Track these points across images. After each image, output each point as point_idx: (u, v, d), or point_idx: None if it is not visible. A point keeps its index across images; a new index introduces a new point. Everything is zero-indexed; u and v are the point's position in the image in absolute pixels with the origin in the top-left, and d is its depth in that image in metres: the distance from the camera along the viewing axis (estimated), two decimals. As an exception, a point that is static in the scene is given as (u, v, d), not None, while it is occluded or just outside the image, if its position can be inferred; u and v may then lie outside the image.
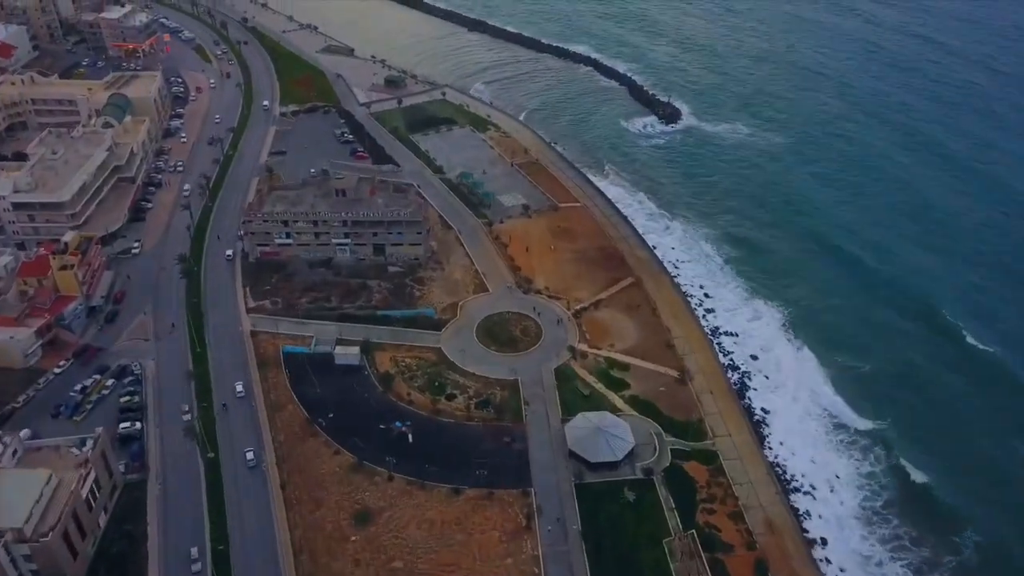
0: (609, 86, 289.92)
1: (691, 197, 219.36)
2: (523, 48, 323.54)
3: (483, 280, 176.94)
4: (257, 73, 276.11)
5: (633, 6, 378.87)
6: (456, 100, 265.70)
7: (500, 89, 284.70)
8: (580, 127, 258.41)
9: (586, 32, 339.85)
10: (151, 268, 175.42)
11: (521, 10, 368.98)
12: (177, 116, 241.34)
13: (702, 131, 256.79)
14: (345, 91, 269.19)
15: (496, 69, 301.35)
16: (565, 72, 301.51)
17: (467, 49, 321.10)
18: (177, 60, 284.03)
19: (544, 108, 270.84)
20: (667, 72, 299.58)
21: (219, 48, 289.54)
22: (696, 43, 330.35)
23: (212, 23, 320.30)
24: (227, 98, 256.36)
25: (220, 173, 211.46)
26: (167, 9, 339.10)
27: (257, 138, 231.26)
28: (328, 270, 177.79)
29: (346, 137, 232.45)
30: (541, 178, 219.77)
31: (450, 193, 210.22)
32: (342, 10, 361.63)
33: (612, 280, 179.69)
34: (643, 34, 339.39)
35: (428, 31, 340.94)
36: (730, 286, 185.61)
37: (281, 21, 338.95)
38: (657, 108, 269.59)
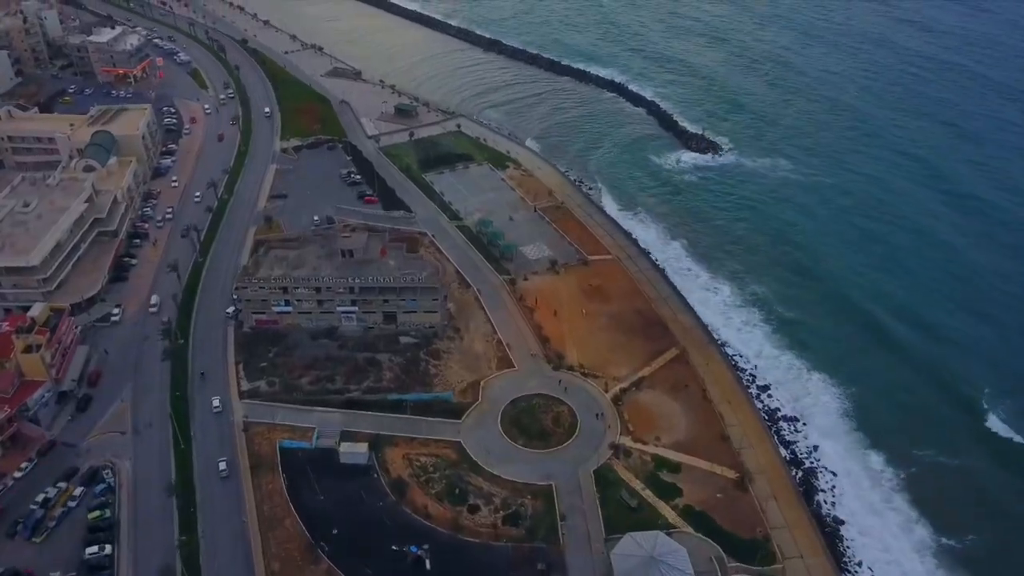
0: (636, 114, 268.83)
1: (733, 245, 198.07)
2: (541, 71, 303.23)
3: (507, 352, 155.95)
4: (257, 103, 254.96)
5: (655, 30, 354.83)
6: (472, 132, 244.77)
7: (519, 118, 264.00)
8: (607, 162, 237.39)
9: (609, 53, 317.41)
10: (132, 340, 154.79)
11: (538, 28, 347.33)
12: (168, 153, 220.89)
13: (740, 167, 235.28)
14: (352, 121, 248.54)
15: (513, 94, 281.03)
16: (588, 98, 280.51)
17: (482, 71, 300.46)
18: (171, 86, 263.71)
19: (567, 139, 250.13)
20: (697, 100, 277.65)
21: (224, 90, 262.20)
22: (727, 70, 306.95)
23: (210, 45, 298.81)
24: (223, 131, 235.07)
25: (214, 221, 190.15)
26: (163, 28, 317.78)
27: (255, 179, 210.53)
28: (332, 341, 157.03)
29: (353, 177, 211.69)
30: (568, 225, 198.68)
31: (468, 244, 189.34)
32: (349, 29, 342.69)
33: (654, 352, 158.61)
34: (671, 59, 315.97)
35: (440, 51, 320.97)
36: (784, 358, 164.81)
37: (284, 41, 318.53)
38: (689, 140, 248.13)
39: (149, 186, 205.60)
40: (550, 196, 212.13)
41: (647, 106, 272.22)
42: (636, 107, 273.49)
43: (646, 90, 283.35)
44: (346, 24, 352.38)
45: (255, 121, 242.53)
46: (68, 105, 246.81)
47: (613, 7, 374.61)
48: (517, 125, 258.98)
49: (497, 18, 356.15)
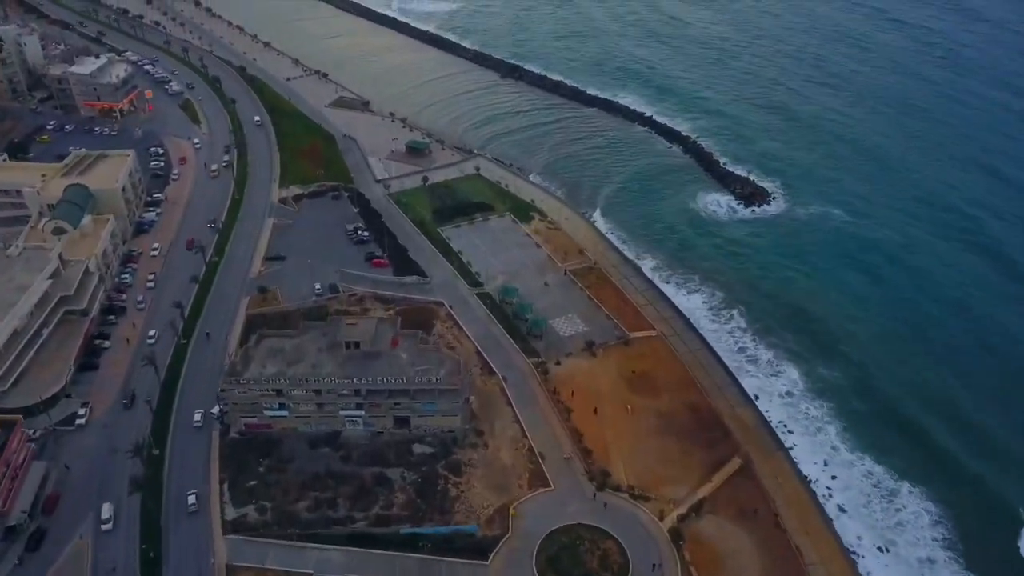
0: (671, 153, 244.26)
1: (794, 316, 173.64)
2: (565, 100, 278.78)
3: (540, 464, 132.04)
4: (255, 142, 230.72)
5: (685, 56, 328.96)
6: (491, 174, 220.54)
7: (541, 156, 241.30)
8: (642, 210, 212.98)
9: (638, 81, 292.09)
10: (99, 450, 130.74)
11: (559, 51, 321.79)
12: (153, 204, 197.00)
13: (792, 217, 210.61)
14: (359, 162, 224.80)
15: (535, 128, 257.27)
16: (616, 132, 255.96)
17: (500, 100, 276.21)
18: (160, 121, 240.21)
19: (595, 182, 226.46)
20: (738, 136, 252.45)
21: (225, 156, 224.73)
22: (767, 104, 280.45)
23: (205, 73, 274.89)
24: (216, 174, 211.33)
25: (200, 294, 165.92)
26: (156, 52, 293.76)
27: (250, 236, 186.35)
28: (335, 451, 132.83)
29: (360, 235, 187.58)
30: (603, 291, 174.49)
31: (491, 317, 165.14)
32: (357, 52, 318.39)
33: (713, 463, 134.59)
34: (707, 88, 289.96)
35: (454, 76, 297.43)
36: (863, 464, 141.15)
37: (286, 65, 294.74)
38: (733, 184, 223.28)
39: (129, 246, 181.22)
40: (581, 255, 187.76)
41: (682, 143, 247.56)
42: (671, 144, 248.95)
43: (681, 124, 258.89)
44: (350, 43, 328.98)
45: (252, 163, 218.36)
46: (46, 144, 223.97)
47: (636, 33, 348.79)
48: (540, 165, 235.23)
49: (516, 41, 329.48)
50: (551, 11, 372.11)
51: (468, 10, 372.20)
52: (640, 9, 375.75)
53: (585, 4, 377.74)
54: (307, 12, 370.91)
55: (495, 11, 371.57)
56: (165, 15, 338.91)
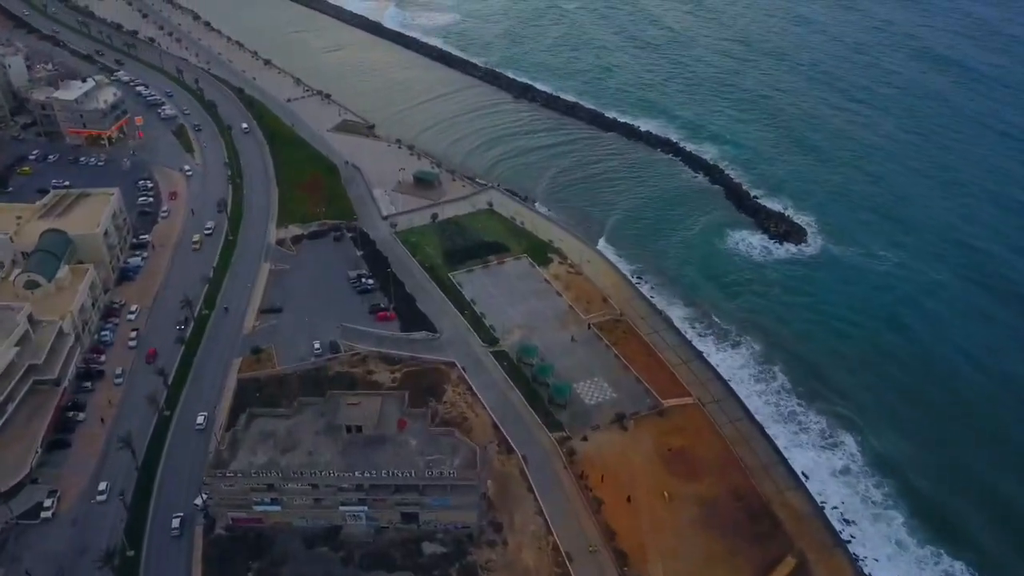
0: (697, 183, 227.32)
1: (845, 377, 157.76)
2: (581, 123, 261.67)
3: (567, 566, 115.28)
4: (251, 174, 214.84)
5: (720, 68, 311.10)
6: (505, 209, 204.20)
7: (557, 186, 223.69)
8: (668, 249, 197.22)
9: (660, 104, 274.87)
10: (67, 552, 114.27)
11: (576, 71, 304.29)
12: (140, 247, 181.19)
13: (833, 259, 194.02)
14: (364, 195, 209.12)
15: (551, 155, 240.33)
16: (638, 160, 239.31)
17: (512, 124, 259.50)
18: (151, 150, 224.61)
19: (617, 217, 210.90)
20: (768, 165, 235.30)
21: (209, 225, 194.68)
22: (802, 129, 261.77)
23: (199, 94, 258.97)
24: (208, 212, 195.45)
25: (185, 356, 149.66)
26: (149, 73, 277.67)
27: (244, 284, 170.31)
28: (334, 551, 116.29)
29: (364, 283, 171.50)
30: (632, 348, 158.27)
31: (508, 381, 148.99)
32: (359, 68, 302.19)
33: (764, 564, 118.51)
34: (735, 108, 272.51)
35: (463, 97, 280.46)
36: (937, 562, 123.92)
37: (287, 85, 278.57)
38: (767, 221, 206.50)
39: (111, 296, 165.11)
40: (605, 304, 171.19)
41: (709, 172, 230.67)
42: (696, 173, 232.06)
43: (706, 150, 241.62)
44: (352, 58, 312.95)
45: (247, 199, 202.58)
46: (26, 176, 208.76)
47: (649, 52, 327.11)
48: (556, 197, 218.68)
49: (534, 62, 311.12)
50: (554, 26, 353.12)
51: (469, 23, 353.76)
52: (647, 26, 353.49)
53: (589, 23, 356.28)
54: (306, 24, 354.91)
55: (496, 23, 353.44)
56: (161, 29, 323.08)
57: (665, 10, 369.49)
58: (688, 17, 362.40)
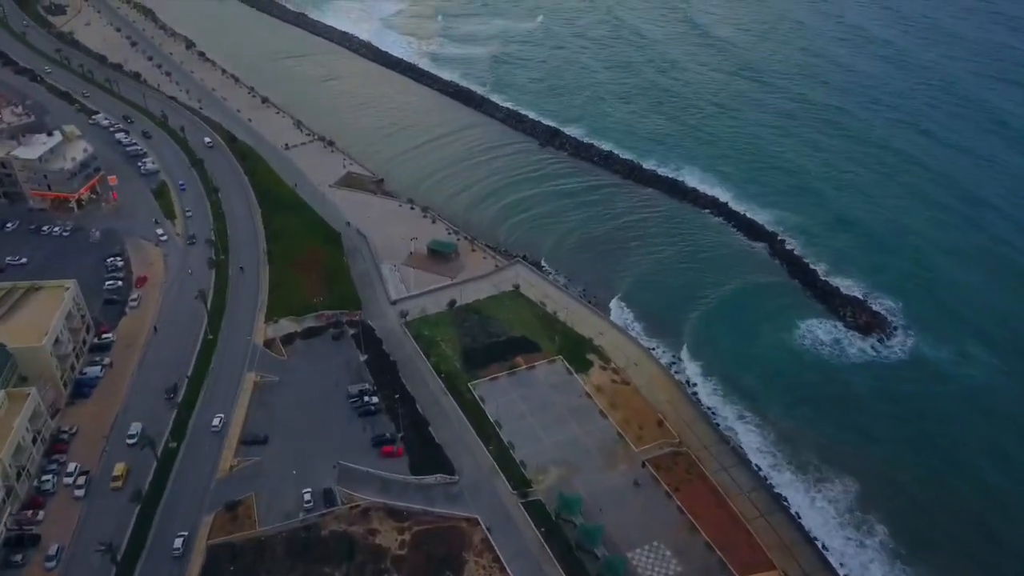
0: (755, 255, 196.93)
1: (969, 538, 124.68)
2: (618, 177, 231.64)
3: None
4: (239, 247, 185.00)
5: (776, 113, 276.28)
6: (534, 291, 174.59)
7: (593, 260, 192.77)
8: (727, 345, 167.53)
9: (707, 155, 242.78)
10: None
11: (611, 114, 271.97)
12: (101, 349, 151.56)
13: (922, 360, 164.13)
14: (369, 271, 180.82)
15: (583, 218, 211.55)
16: (683, 223, 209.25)
17: (540, 178, 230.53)
18: (127, 215, 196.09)
19: (664, 299, 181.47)
20: (837, 232, 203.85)
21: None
22: (884, 185, 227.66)
23: (184, 140, 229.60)
24: (185, 301, 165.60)
25: (142, 518, 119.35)
26: (133, 112, 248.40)
27: (223, 403, 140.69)
28: None
29: (368, 401, 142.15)
30: (697, 496, 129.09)
31: (544, 547, 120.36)
32: (367, 102, 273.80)
33: None
34: (793, 164, 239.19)
35: (485, 143, 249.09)
36: None
37: (286, 128, 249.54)
38: (840, 306, 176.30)
39: (61, 420, 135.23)
40: (661, 429, 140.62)
41: (767, 241, 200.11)
42: (753, 241, 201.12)
43: (761, 213, 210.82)
44: (356, 92, 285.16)
45: (232, 283, 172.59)
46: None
47: (703, 95, 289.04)
48: (592, 273, 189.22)
49: (561, 102, 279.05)
50: (594, 60, 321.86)
51: (486, 54, 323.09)
52: (690, 72, 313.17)
53: (635, 57, 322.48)
54: (305, 48, 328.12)
55: (519, 56, 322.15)
56: (150, 60, 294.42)
57: (713, 52, 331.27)
58: (737, 60, 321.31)
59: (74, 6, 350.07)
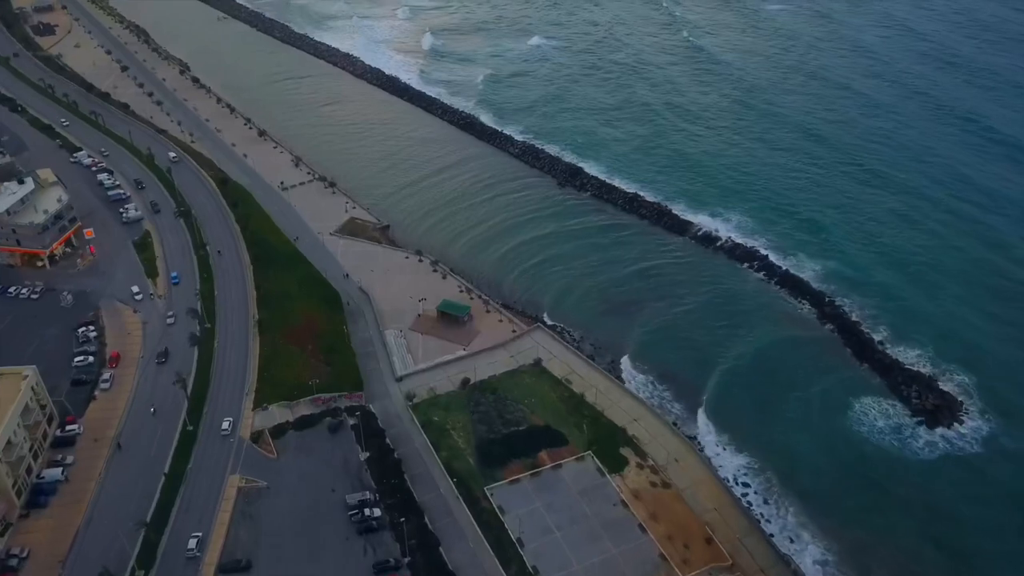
0: (801, 318, 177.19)
1: None
2: (646, 224, 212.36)
3: None
4: (227, 314, 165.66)
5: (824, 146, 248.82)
6: (556, 365, 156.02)
7: (619, 320, 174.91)
8: (773, 428, 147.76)
9: (742, 198, 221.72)
10: None
11: (637, 150, 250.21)
12: (64, 446, 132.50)
13: (1005, 455, 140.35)
14: (372, 339, 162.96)
15: (609, 272, 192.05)
16: (719, 280, 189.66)
17: (559, 223, 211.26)
18: (104, 273, 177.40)
19: (701, 373, 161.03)
20: (894, 294, 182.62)
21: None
22: (954, 235, 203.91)
23: (170, 181, 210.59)
24: (163, 385, 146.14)
25: None
26: (117, 151, 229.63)
27: (199, 518, 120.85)
28: None
29: (368, 516, 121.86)
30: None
31: None
32: (370, 132, 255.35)
33: None
34: (847, 209, 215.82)
35: (498, 181, 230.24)
36: None
37: (283, 165, 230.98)
38: (903, 385, 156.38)
39: (10, 540, 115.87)
40: (709, 547, 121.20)
41: (814, 301, 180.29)
42: (798, 301, 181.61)
43: (806, 267, 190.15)
44: (359, 120, 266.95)
45: (217, 359, 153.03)
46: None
47: (744, 126, 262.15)
48: (618, 337, 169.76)
49: (583, 137, 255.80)
50: (603, 86, 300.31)
51: (499, 79, 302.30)
52: (729, 100, 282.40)
53: (650, 91, 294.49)
54: (305, 70, 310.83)
55: (536, 83, 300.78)
56: (141, 87, 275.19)
57: (768, 80, 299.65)
58: (776, 100, 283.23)
59: (64, 26, 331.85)
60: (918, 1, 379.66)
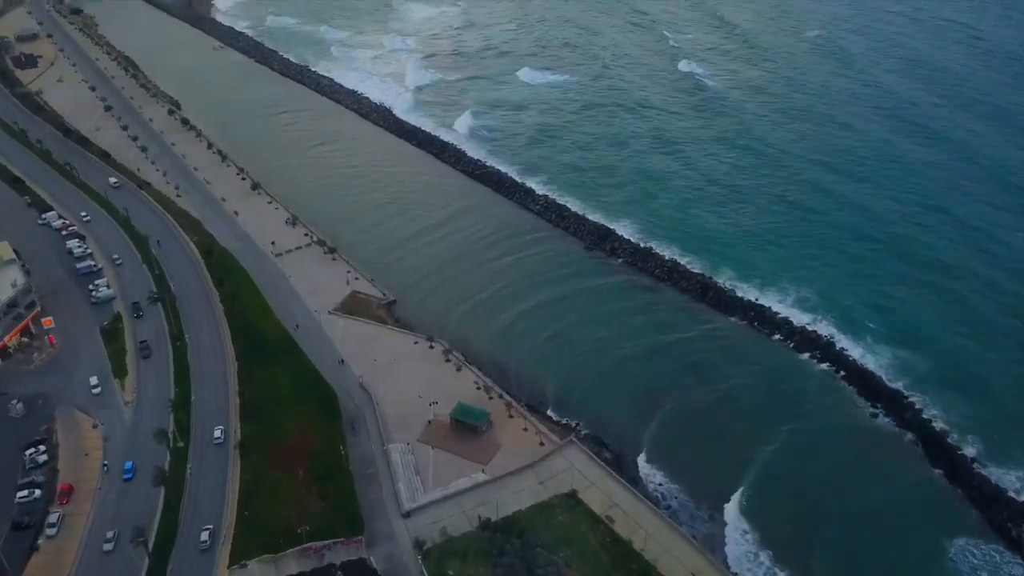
0: (878, 429, 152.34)
1: None
2: (689, 298, 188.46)
3: None
4: (204, 428, 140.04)
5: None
6: (596, 496, 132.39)
7: (662, 428, 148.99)
8: None
9: (799, 268, 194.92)
10: None
11: (675, 211, 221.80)
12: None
13: None
14: (373, 458, 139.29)
15: (651, 360, 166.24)
16: (777, 371, 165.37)
17: (592, 299, 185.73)
18: (65, 369, 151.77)
19: (762, 499, 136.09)
20: (994, 399, 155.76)
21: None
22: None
23: (147, 254, 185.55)
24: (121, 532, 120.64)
25: None
26: (91, 209, 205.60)
27: None
28: None
29: None
30: None
31: None
32: (385, 186, 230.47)
33: None
34: (924, 288, 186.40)
35: (515, 243, 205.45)
36: None
37: (278, 225, 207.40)
38: (1007, 521, 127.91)
39: None
40: None
41: (892, 406, 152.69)
42: (872, 405, 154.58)
43: (877, 356, 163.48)
44: (365, 165, 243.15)
45: (189, 493, 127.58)
46: None
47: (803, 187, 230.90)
48: (663, 453, 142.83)
49: (612, 193, 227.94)
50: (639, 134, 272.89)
51: (517, 123, 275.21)
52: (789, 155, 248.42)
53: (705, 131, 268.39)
54: (302, 104, 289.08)
55: (550, 128, 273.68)
56: (125, 130, 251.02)
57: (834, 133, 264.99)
58: (839, 149, 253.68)
59: (48, 58, 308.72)
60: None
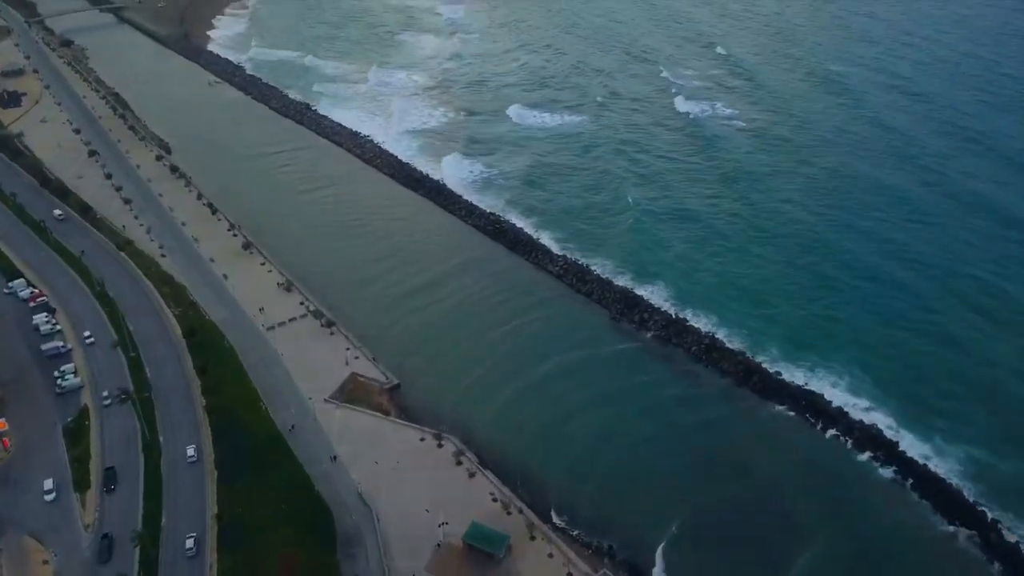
0: (954, 549, 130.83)
1: None
2: (730, 381, 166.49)
3: None
4: (175, 560, 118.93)
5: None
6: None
7: (700, 551, 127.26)
8: None
9: (856, 350, 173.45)
10: None
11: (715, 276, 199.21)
12: None
13: None
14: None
15: (694, 468, 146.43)
16: (836, 479, 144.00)
17: (624, 386, 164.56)
18: (18, 485, 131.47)
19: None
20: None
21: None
22: None
23: (123, 335, 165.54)
24: None
25: None
26: (64, 279, 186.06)
27: None
28: None
29: None
30: None
31: None
32: (391, 243, 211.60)
33: None
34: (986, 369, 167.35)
35: (537, 319, 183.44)
36: None
37: (271, 292, 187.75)
38: None
39: None
40: None
41: (972, 522, 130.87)
42: (947, 521, 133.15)
43: (956, 464, 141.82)
44: (369, 218, 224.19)
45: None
46: None
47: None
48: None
49: (647, 255, 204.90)
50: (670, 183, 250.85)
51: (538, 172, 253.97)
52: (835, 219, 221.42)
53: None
54: (297, 143, 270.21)
55: (571, 173, 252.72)
56: (109, 178, 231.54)
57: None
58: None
59: (32, 95, 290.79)
60: None
